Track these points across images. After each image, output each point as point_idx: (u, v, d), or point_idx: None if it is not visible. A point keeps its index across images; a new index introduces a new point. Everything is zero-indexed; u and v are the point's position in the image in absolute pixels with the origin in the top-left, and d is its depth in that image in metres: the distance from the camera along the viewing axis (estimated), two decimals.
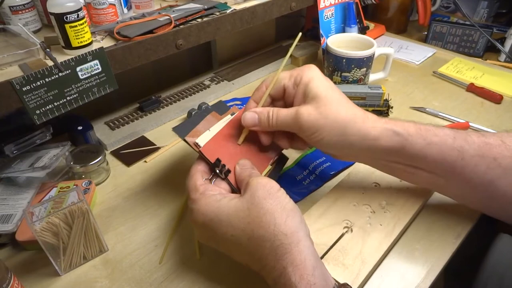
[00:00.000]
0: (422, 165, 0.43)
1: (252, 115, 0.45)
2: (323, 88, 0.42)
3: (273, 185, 0.38)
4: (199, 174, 0.42)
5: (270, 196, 0.37)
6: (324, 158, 0.60)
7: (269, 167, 0.48)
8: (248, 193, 0.38)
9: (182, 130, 0.46)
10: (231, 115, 0.50)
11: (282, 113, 0.43)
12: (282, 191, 0.38)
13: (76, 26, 0.48)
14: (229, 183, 0.43)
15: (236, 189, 0.43)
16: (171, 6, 0.64)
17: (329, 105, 0.41)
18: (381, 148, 0.42)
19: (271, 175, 0.48)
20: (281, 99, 0.47)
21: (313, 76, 0.43)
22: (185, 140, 0.45)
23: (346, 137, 0.42)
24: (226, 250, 0.40)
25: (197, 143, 0.44)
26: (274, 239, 0.35)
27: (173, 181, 0.58)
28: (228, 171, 0.43)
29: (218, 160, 0.43)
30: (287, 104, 0.47)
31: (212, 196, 0.39)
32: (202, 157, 0.44)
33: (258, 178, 0.39)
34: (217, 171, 0.43)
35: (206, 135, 0.46)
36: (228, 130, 0.47)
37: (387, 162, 0.44)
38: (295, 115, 0.42)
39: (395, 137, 0.41)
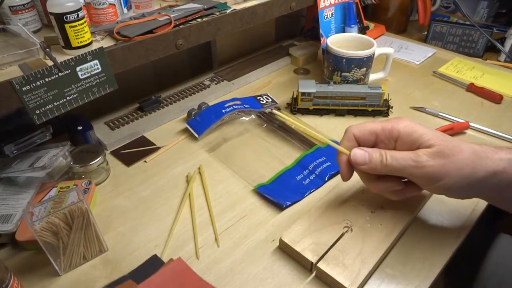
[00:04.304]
0: None
1: (363, 152, 0.42)
2: (432, 134, 0.40)
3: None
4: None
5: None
6: (324, 158, 0.60)
7: None
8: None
9: None
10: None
11: (397, 154, 0.40)
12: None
13: (76, 26, 0.48)
14: None
15: None
16: (171, 6, 0.64)
17: (448, 147, 0.39)
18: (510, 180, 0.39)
19: None
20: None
21: (411, 125, 0.41)
22: None
23: (475, 177, 0.38)
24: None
25: None
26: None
27: (173, 181, 0.58)
28: None
29: None
30: None
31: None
32: None
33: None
34: None
35: None
36: None
37: None
38: (415, 157, 0.39)
39: None
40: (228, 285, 0.43)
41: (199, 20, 0.60)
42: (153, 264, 0.46)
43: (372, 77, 0.78)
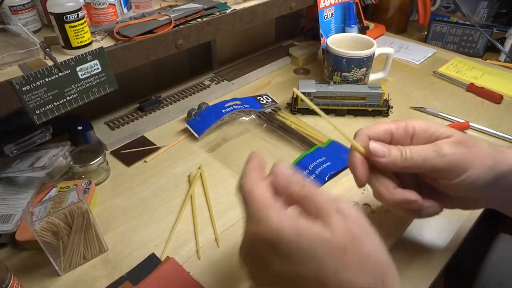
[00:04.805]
0: None
1: (382, 146, 0.39)
2: (446, 128, 0.38)
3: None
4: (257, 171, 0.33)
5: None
6: (324, 158, 0.60)
7: None
8: (341, 223, 0.30)
9: None
10: None
11: (417, 148, 0.38)
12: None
13: (76, 26, 0.48)
14: None
15: None
16: (171, 6, 0.64)
17: (467, 139, 0.37)
18: None
19: None
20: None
21: (424, 122, 0.40)
22: None
23: (500, 168, 0.37)
24: None
25: None
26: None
27: (173, 181, 0.58)
28: None
29: None
30: None
31: (286, 213, 0.29)
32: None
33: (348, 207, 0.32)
34: None
35: None
36: None
37: None
38: (436, 148, 0.37)
39: None
40: (231, 284, 0.43)
41: (199, 20, 0.60)
42: (151, 263, 0.46)
43: (372, 77, 0.78)
